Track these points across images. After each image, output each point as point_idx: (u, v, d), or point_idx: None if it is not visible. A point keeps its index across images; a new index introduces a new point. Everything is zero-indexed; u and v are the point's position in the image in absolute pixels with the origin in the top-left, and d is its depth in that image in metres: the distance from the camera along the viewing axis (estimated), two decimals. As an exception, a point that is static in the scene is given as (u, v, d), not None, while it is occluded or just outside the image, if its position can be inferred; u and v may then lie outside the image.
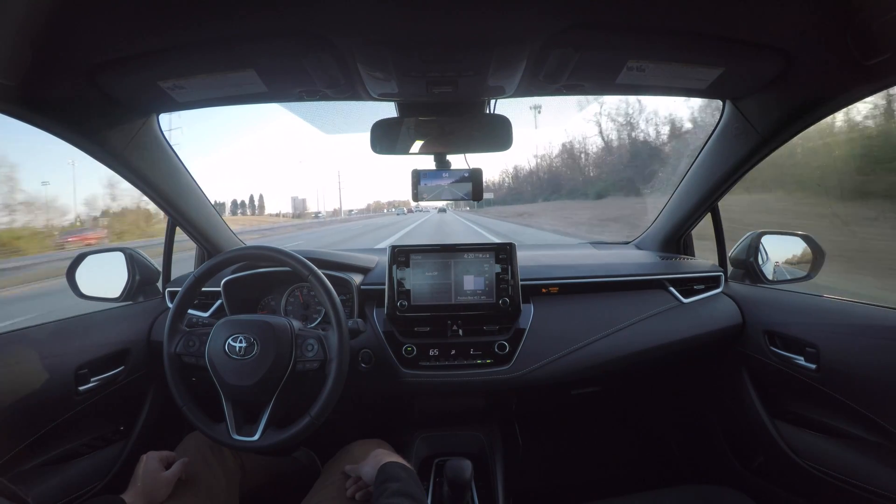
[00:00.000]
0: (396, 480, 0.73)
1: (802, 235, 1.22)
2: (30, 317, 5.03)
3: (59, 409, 0.95)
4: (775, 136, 1.00)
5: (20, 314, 5.28)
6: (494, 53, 0.79)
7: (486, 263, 1.14)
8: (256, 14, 0.67)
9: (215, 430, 0.88)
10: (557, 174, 33.26)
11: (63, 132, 0.88)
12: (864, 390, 0.89)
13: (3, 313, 5.64)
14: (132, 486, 0.82)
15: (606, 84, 0.95)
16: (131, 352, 1.14)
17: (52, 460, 0.95)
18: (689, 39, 0.77)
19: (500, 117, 1.05)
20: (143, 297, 1.31)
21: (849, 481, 0.90)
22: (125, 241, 19.74)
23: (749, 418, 1.15)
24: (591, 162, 28.33)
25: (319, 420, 0.86)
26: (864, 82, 0.79)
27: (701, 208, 1.29)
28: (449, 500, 0.92)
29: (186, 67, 0.81)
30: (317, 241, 15.25)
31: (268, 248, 0.97)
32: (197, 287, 0.97)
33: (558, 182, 31.58)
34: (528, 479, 1.49)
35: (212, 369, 0.87)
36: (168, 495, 0.83)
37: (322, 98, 0.99)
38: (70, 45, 0.69)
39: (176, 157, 1.16)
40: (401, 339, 1.12)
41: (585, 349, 1.12)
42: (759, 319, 1.15)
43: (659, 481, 1.01)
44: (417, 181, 1.08)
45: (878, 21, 0.64)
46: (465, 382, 1.09)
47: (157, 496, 0.82)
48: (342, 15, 0.67)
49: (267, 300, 1.28)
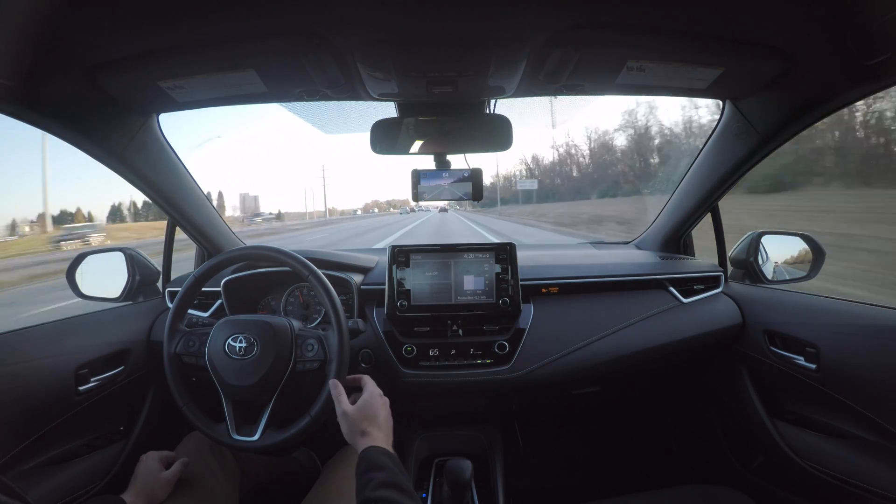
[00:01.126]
0: (381, 469, 0.66)
1: (802, 235, 1.22)
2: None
3: (59, 409, 0.95)
4: (775, 136, 1.00)
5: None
6: (494, 53, 0.79)
7: (486, 263, 1.14)
8: (256, 14, 0.67)
9: (215, 430, 0.88)
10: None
11: (63, 132, 0.88)
12: (864, 390, 0.89)
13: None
14: (132, 486, 0.82)
15: (606, 84, 0.95)
16: (131, 352, 1.14)
17: (52, 460, 0.95)
18: (689, 39, 0.77)
19: (500, 117, 1.05)
20: (143, 297, 1.31)
21: (849, 481, 0.90)
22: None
23: (749, 418, 1.15)
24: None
25: (319, 420, 0.86)
26: (864, 82, 0.79)
27: (701, 208, 1.29)
28: (449, 500, 0.92)
29: (186, 67, 0.81)
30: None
31: (268, 248, 0.97)
32: (197, 287, 0.97)
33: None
34: (528, 479, 1.49)
35: (212, 369, 0.86)
36: (168, 495, 0.83)
37: (322, 98, 0.99)
38: (70, 45, 0.69)
39: (176, 157, 1.16)
40: (401, 339, 1.12)
41: (585, 349, 1.12)
42: (758, 319, 1.15)
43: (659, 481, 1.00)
44: (417, 181, 1.09)
45: (878, 21, 0.64)
46: (465, 382, 1.09)
47: (156, 496, 0.82)
48: (342, 15, 0.67)
49: (267, 300, 1.28)
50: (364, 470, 0.67)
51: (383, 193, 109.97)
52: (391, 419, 0.83)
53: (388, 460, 0.69)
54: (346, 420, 0.77)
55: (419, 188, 1.09)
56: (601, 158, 26.15)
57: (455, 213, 39.85)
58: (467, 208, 42.17)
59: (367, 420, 0.77)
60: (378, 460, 0.68)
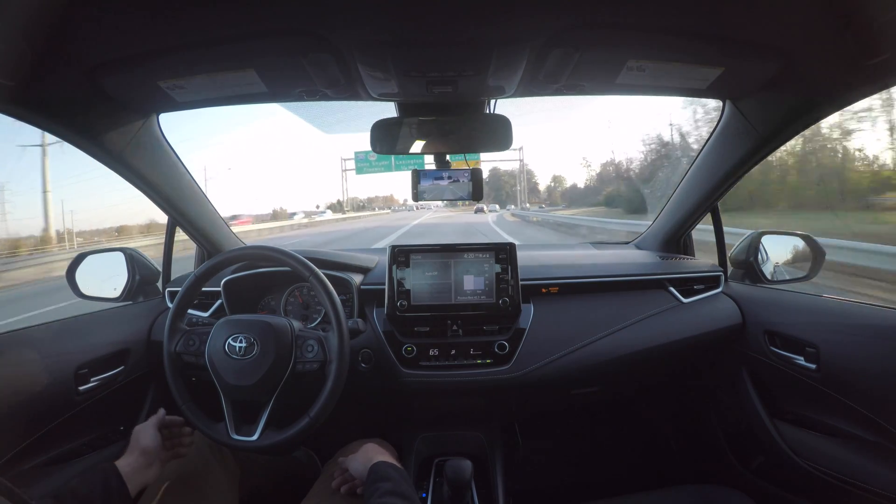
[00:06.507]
0: (387, 480, 0.72)
1: (802, 235, 1.23)
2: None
3: (59, 409, 0.95)
4: (775, 136, 1.00)
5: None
6: (494, 53, 0.79)
7: (486, 263, 1.14)
8: (256, 14, 0.67)
9: (215, 430, 0.88)
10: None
11: (63, 132, 0.88)
12: (864, 390, 0.89)
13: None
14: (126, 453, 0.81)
15: (606, 84, 0.95)
16: (131, 352, 1.14)
17: (52, 460, 0.95)
18: (689, 39, 0.77)
19: (500, 117, 1.05)
20: (143, 297, 1.31)
21: (849, 481, 0.90)
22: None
23: (749, 418, 1.15)
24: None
25: (319, 420, 0.86)
26: (864, 82, 0.79)
27: (701, 208, 1.29)
28: (449, 500, 0.92)
29: (186, 67, 0.81)
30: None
31: (268, 247, 0.97)
32: (197, 287, 0.97)
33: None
34: (528, 479, 1.49)
35: (212, 369, 0.86)
36: (157, 440, 0.82)
37: (322, 98, 0.99)
38: (70, 45, 0.69)
39: (176, 157, 1.16)
40: (401, 339, 1.12)
41: (585, 349, 1.12)
42: (758, 319, 1.15)
43: (659, 481, 1.01)
44: (417, 181, 1.09)
45: (878, 21, 0.64)
46: (465, 382, 1.09)
47: (147, 446, 0.80)
48: (342, 14, 0.67)
49: (267, 300, 1.28)
50: (372, 480, 0.73)
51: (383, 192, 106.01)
52: (389, 447, 0.94)
53: (395, 473, 0.75)
54: (355, 464, 0.84)
55: (419, 188, 1.09)
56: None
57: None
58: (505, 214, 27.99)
59: (368, 455, 0.84)
60: (385, 472, 0.74)
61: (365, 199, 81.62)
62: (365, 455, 0.84)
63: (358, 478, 0.84)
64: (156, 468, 0.81)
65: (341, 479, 0.88)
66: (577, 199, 33.38)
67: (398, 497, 0.67)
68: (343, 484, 0.87)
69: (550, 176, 42.66)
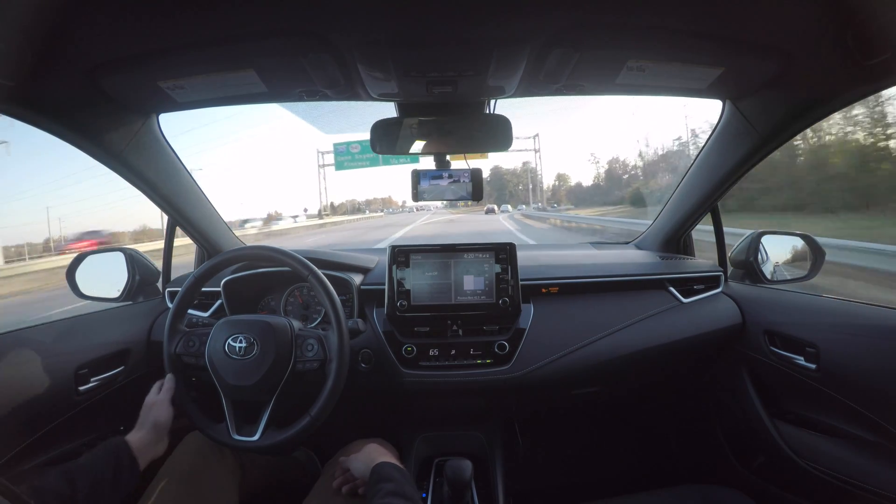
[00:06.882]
0: (390, 481, 0.72)
1: (802, 235, 1.23)
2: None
3: (59, 409, 0.95)
4: (775, 136, 1.00)
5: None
6: (494, 53, 0.79)
7: (486, 263, 1.14)
8: (256, 14, 0.67)
9: (215, 430, 0.88)
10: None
11: (63, 132, 0.88)
12: (864, 390, 0.89)
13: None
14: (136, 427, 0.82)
15: (606, 84, 0.95)
16: (131, 352, 1.14)
17: (52, 460, 0.95)
18: (689, 39, 0.77)
19: (500, 117, 1.05)
20: (143, 297, 1.31)
21: (849, 481, 0.90)
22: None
23: (749, 418, 1.15)
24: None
25: (319, 420, 0.86)
26: (864, 82, 0.79)
27: (701, 208, 1.29)
28: (449, 500, 0.92)
29: (186, 67, 0.81)
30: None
31: (268, 248, 0.97)
32: (197, 287, 0.97)
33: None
34: (528, 479, 1.49)
35: (212, 369, 0.86)
36: (170, 414, 0.83)
37: (322, 98, 0.99)
38: (70, 45, 0.69)
39: (176, 158, 1.16)
40: (401, 339, 1.12)
41: (585, 349, 1.12)
42: (758, 319, 1.15)
43: (659, 481, 1.00)
44: (417, 181, 1.09)
45: (878, 21, 0.64)
46: (465, 382, 1.09)
47: (160, 420, 0.82)
48: (342, 15, 0.67)
49: (267, 300, 1.28)
50: (374, 481, 0.74)
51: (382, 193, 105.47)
52: (391, 448, 0.95)
53: (398, 474, 0.75)
54: (357, 464, 0.85)
55: (419, 188, 1.09)
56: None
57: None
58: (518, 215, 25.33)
59: (370, 456, 0.84)
60: (388, 473, 0.75)
61: (363, 202, 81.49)
62: (367, 455, 0.85)
63: (360, 478, 0.84)
64: (165, 442, 0.82)
65: (343, 479, 0.88)
66: (586, 199, 32.21)
67: (401, 498, 0.68)
68: (344, 484, 0.87)
69: (555, 174, 42.02)
